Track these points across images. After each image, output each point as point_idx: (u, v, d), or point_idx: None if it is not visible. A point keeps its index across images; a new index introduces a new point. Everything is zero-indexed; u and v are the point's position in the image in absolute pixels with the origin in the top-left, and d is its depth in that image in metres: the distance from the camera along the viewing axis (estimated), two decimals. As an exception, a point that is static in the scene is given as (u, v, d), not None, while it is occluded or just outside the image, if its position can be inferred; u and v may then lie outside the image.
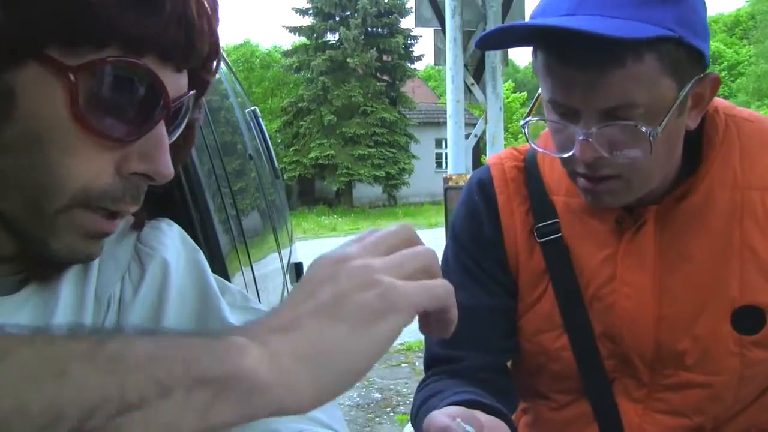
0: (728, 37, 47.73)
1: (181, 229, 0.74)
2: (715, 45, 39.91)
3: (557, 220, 1.07)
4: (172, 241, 0.70)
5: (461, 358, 1.11)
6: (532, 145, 1.04)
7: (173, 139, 0.61)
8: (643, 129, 0.87)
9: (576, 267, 1.06)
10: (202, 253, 0.72)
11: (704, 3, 0.92)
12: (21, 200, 0.55)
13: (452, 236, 1.18)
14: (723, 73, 38.08)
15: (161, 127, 0.58)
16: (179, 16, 0.55)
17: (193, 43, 0.57)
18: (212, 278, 0.70)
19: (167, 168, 0.58)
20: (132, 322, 0.64)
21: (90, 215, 0.57)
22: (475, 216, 1.14)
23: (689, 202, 1.00)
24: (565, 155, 0.94)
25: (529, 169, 1.12)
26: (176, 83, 0.59)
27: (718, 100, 1.03)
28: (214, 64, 0.64)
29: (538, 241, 1.08)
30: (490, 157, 1.20)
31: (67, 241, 0.57)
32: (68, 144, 0.53)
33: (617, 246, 1.03)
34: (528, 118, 1.01)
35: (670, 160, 0.97)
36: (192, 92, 0.62)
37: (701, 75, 0.92)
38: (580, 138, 0.90)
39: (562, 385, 1.13)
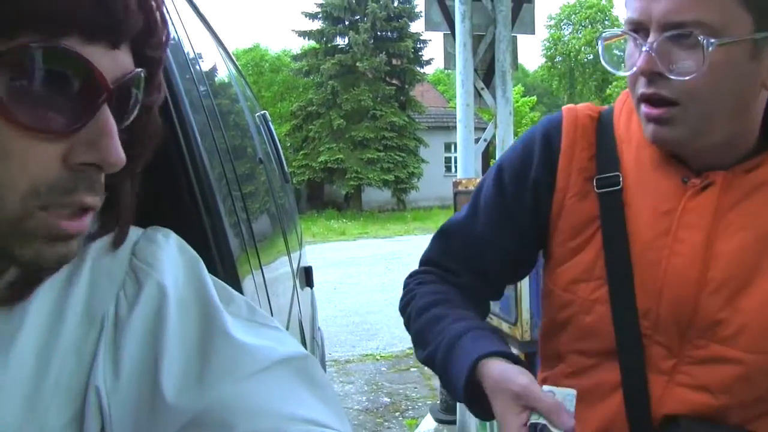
0: None
1: (178, 239, 0.71)
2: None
3: (619, 173, 1.08)
4: (168, 255, 0.67)
5: (458, 273, 1.21)
6: (602, 61, 1.07)
7: (126, 124, 0.58)
8: (700, 38, 0.88)
9: (630, 220, 1.06)
10: (202, 263, 0.70)
11: None
12: None
13: (497, 168, 1.22)
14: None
15: (104, 113, 0.53)
16: None
17: (118, 17, 0.52)
18: (213, 290, 0.67)
19: (115, 155, 0.53)
20: (129, 340, 0.61)
21: (51, 216, 0.53)
22: (527, 156, 1.16)
23: (758, 175, 1.00)
24: (630, 70, 0.97)
25: (602, 121, 1.15)
26: (114, 62, 0.54)
27: None
28: (159, 38, 0.59)
29: (597, 191, 1.09)
30: (566, 106, 1.22)
31: (34, 247, 0.53)
32: (2, 146, 0.49)
33: (678, 203, 1.03)
34: (604, 32, 1.05)
35: (736, 108, 0.97)
36: (139, 70, 0.57)
37: None
38: (644, 49, 0.93)
39: (588, 343, 1.11)
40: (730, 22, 0.88)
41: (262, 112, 2.86)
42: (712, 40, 0.88)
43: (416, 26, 27.91)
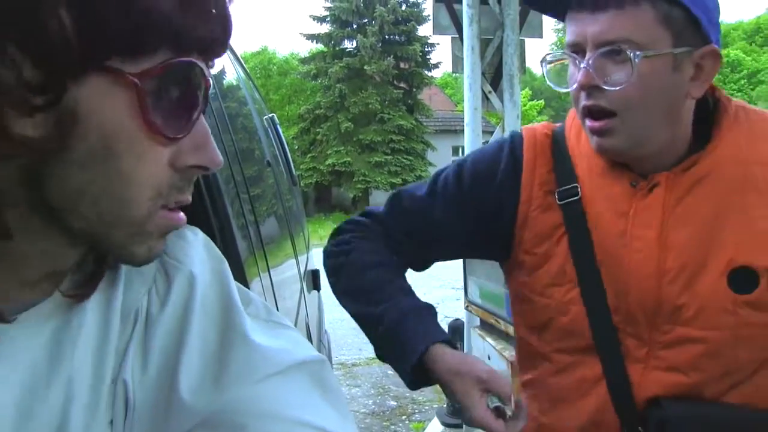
0: (748, 45, 47.44)
1: (206, 238, 0.73)
2: (734, 53, 39.65)
3: (576, 184, 1.20)
4: (197, 251, 0.70)
5: (401, 242, 1.34)
6: (547, 80, 1.24)
7: None
8: (628, 52, 1.03)
9: (590, 225, 1.18)
10: (226, 264, 0.71)
11: None
12: (97, 215, 0.54)
13: (461, 164, 1.33)
14: (742, 81, 37.84)
15: (202, 118, 0.59)
16: (221, 14, 0.55)
17: (228, 36, 0.58)
18: (235, 290, 0.69)
19: (218, 157, 0.59)
20: (157, 336, 0.63)
21: (168, 214, 0.58)
22: (494, 164, 1.28)
23: (695, 172, 1.11)
24: (573, 86, 1.11)
25: (556, 138, 1.27)
26: (209, 73, 0.60)
27: (735, 99, 1.18)
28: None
29: (559, 203, 1.21)
30: (526, 126, 1.38)
31: (150, 244, 0.58)
32: (140, 151, 0.53)
33: (630, 205, 1.14)
34: (547, 53, 1.19)
35: (667, 117, 1.10)
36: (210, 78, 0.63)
37: (701, 47, 1.07)
38: (582, 66, 1.07)
39: (568, 342, 1.22)
40: (652, 39, 1.04)
41: (271, 115, 2.86)
42: (638, 53, 1.03)
43: (424, 30, 27.95)
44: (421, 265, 1.41)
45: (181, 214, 0.60)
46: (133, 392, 0.61)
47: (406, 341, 1.19)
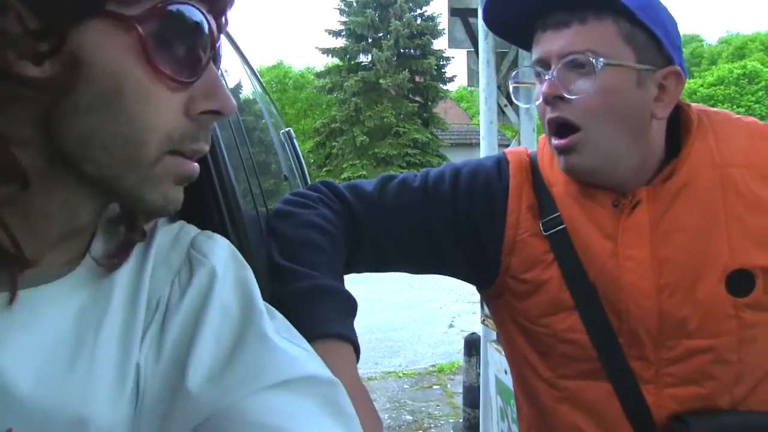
0: (766, 56, 47.11)
1: (231, 245, 0.74)
2: (752, 64, 39.40)
3: (559, 213, 1.18)
4: (222, 252, 0.70)
5: (367, 227, 1.19)
6: (513, 98, 1.30)
7: None
8: (591, 58, 1.05)
9: (579, 250, 1.15)
10: (251, 272, 0.71)
11: (669, 13, 1.10)
12: (107, 159, 0.55)
13: (457, 169, 1.27)
14: (760, 93, 37.55)
15: (212, 67, 0.60)
16: None
17: None
18: (260, 297, 0.69)
19: (231, 101, 0.60)
20: (173, 326, 0.63)
21: (178, 159, 0.59)
22: (491, 179, 1.24)
23: (675, 181, 1.11)
24: (538, 100, 1.11)
25: (533, 165, 1.25)
26: (214, 24, 0.61)
27: (693, 104, 1.19)
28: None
29: (545, 234, 1.18)
30: (508, 149, 1.35)
31: (162, 190, 0.59)
32: (145, 93, 0.54)
33: (616, 226, 1.13)
34: (513, 73, 1.24)
35: (633, 134, 1.10)
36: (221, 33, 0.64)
37: (664, 66, 1.08)
38: (546, 78, 1.08)
39: (574, 367, 1.18)
40: (615, 51, 1.06)
41: (287, 129, 2.88)
42: (601, 59, 1.05)
43: (439, 43, 28.05)
44: (373, 268, 1.26)
45: (195, 164, 0.61)
46: (145, 380, 0.61)
47: (312, 314, 0.96)
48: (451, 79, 29.56)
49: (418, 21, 27.92)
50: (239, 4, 0.65)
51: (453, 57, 29.21)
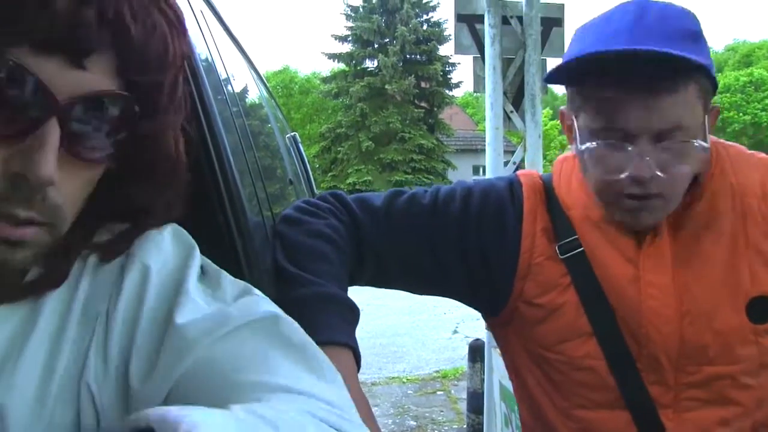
0: (772, 65, 47.01)
1: (175, 231, 0.70)
2: (758, 71, 39.34)
3: (576, 236, 1.15)
4: (158, 245, 0.67)
5: (370, 243, 1.16)
6: (591, 169, 1.07)
7: (93, 143, 0.57)
8: (696, 144, 0.99)
9: (599, 274, 1.12)
10: (195, 250, 0.69)
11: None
12: None
13: (468, 189, 1.22)
14: (767, 101, 37.45)
15: (49, 127, 0.53)
16: (44, 3, 0.50)
17: (69, 32, 0.52)
18: (193, 272, 0.66)
19: (39, 170, 0.52)
20: (114, 333, 0.61)
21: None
22: (502, 203, 1.19)
23: (697, 209, 1.10)
24: (621, 176, 1.01)
25: (546, 188, 1.21)
26: (75, 80, 0.54)
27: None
28: (146, 60, 0.58)
29: (561, 257, 1.14)
30: (519, 171, 1.28)
31: None
32: None
33: (638, 251, 1.11)
34: (588, 144, 1.04)
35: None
36: (118, 93, 0.57)
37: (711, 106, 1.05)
38: (637, 158, 0.99)
39: (591, 396, 1.15)
40: (697, 118, 1.00)
41: (293, 133, 2.88)
42: (697, 143, 0.99)
43: (445, 49, 28.08)
44: (375, 284, 1.25)
45: (24, 230, 0.55)
46: (99, 394, 0.60)
47: (315, 319, 0.96)
48: (456, 85, 29.59)
49: (425, 27, 27.96)
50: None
51: (459, 63, 29.25)
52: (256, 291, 0.68)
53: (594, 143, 1.03)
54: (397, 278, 1.25)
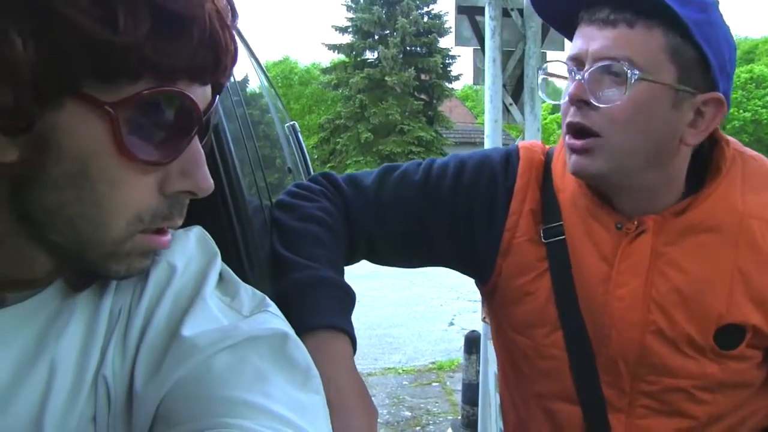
0: (773, 61, 46.97)
1: (201, 234, 0.73)
2: (759, 68, 39.26)
3: (561, 222, 1.12)
4: (183, 246, 0.70)
5: (361, 223, 1.17)
6: (540, 92, 1.16)
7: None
8: (625, 68, 0.96)
9: (575, 268, 1.10)
10: (218, 257, 0.71)
11: (728, 35, 1.01)
12: (73, 233, 0.56)
13: (462, 162, 1.21)
14: (767, 98, 37.41)
15: (196, 143, 0.59)
16: (207, 39, 0.55)
17: (220, 61, 0.58)
18: (212, 280, 0.68)
19: (207, 182, 0.59)
20: (134, 329, 0.63)
21: (148, 237, 0.59)
22: (494, 178, 1.17)
23: (687, 218, 1.04)
24: (564, 99, 1.04)
25: (547, 165, 1.18)
26: (204, 96, 0.60)
27: (731, 139, 1.09)
28: (232, 67, 0.64)
29: (544, 242, 1.13)
30: (522, 142, 1.26)
31: (127, 263, 0.59)
32: (115, 177, 0.54)
33: (615, 249, 1.07)
34: (546, 64, 1.13)
35: (653, 153, 1.02)
36: (216, 99, 0.63)
37: (707, 91, 1.00)
38: (576, 78, 1.01)
39: (548, 386, 1.16)
40: (656, 65, 0.97)
41: (292, 122, 2.88)
42: (636, 72, 0.96)
43: (445, 42, 28.01)
44: (370, 259, 1.25)
45: (166, 237, 0.61)
46: (114, 388, 0.61)
47: (310, 304, 0.97)
48: (456, 78, 29.51)
49: (425, 19, 27.87)
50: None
51: (459, 55, 29.24)
52: (273, 307, 0.70)
53: (551, 62, 1.11)
54: (389, 254, 1.25)
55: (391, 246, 1.21)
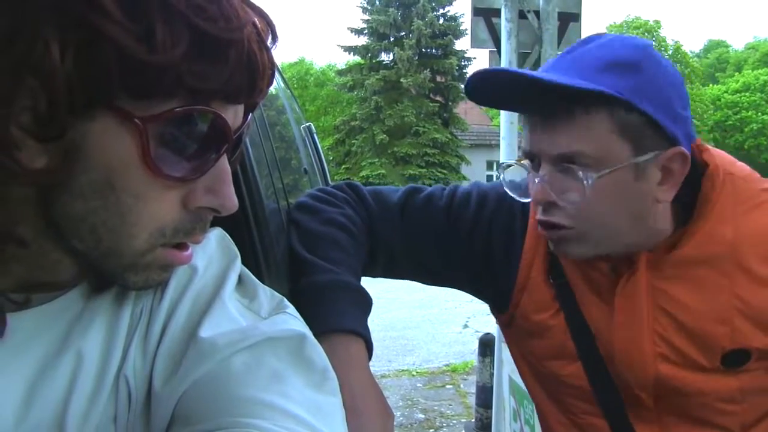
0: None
1: (222, 235, 0.74)
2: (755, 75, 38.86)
3: (561, 264, 1.14)
4: (204, 248, 0.70)
5: (384, 239, 1.18)
6: (506, 189, 1.12)
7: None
8: (580, 173, 0.96)
9: (582, 307, 1.12)
10: (238, 259, 0.72)
11: (669, 75, 0.99)
12: (95, 242, 0.56)
13: (484, 194, 1.22)
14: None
15: (224, 161, 0.59)
16: (244, 62, 0.55)
17: (256, 84, 0.58)
18: (232, 281, 0.69)
19: (231, 200, 0.60)
20: (154, 329, 0.64)
21: (170, 252, 0.60)
22: (513, 214, 1.19)
23: (680, 253, 1.04)
24: (526, 200, 1.06)
25: None
26: (236, 114, 0.60)
27: (720, 156, 1.07)
28: (267, 89, 0.64)
29: (551, 282, 1.15)
30: None
31: (146, 275, 0.60)
32: (140, 190, 0.55)
33: (612, 290, 1.08)
34: (504, 162, 1.13)
35: (633, 222, 1.02)
36: (249, 118, 0.63)
37: (667, 149, 0.98)
38: (536, 180, 1.00)
39: (576, 405, 1.18)
40: (609, 151, 0.96)
41: (308, 123, 2.89)
42: (591, 174, 0.95)
43: (461, 44, 27.96)
44: (385, 276, 1.28)
45: (188, 252, 0.61)
46: (136, 388, 0.61)
47: (326, 307, 0.98)
48: (472, 80, 29.41)
49: (441, 21, 27.84)
50: (262, 0, 0.64)
51: (475, 57, 29.10)
52: (291, 308, 0.70)
53: (513, 163, 1.10)
54: (407, 272, 1.27)
55: (410, 264, 1.23)
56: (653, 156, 0.98)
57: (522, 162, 1.05)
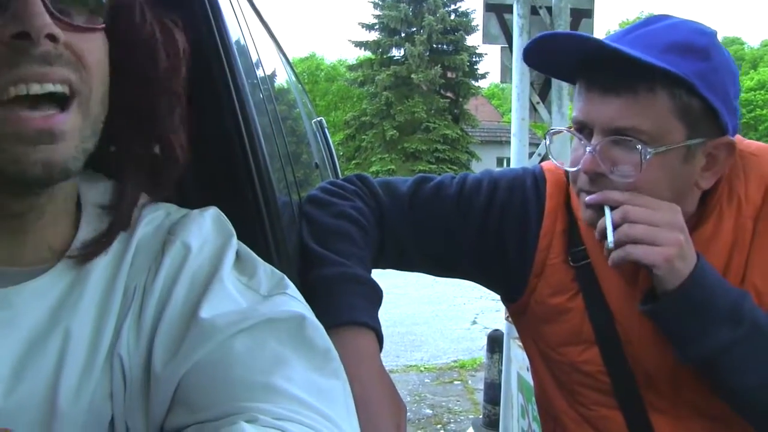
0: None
1: (216, 215, 0.73)
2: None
3: (584, 246, 1.13)
4: (199, 227, 0.70)
5: (393, 229, 1.18)
6: (550, 155, 1.15)
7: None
8: (638, 146, 0.97)
9: (605, 290, 1.12)
10: (234, 238, 0.71)
11: (731, 67, 1.01)
12: None
13: (495, 182, 1.21)
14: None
15: None
16: None
17: None
18: (229, 259, 0.68)
19: (40, 21, 0.53)
20: (149, 308, 0.63)
21: (10, 111, 0.54)
22: (527, 199, 1.18)
23: (702, 232, 1.05)
24: (574, 168, 1.04)
25: (568, 186, 1.18)
26: None
27: (735, 139, 1.07)
28: None
29: (572, 265, 1.14)
30: (545, 163, 1.25)
31: (12, 152, 0.54)
32: None
33: (638, 272, 1.07)
34: (553, 128, 1.10)
35: (672, 201, 1.01)
36: None
37: (716, 137, 1.00)
38: (588, 150, 1.00)
39: (589, 395, 1.16)
40: (665, 131, 0.97)
41: (319, 118, 2.90)
42: (650, 149, 0.97)
43: (472, 39, 27.90)
44: (395, 267, 1.27)
45: (47, 116, 0.55)
46: (130, 367, 0.61)
47: (339, 299, 0.99)
48: (483, 76, 29.39)
49: (452, 16, 27.79)
50: None
51: (486, 54, 29.09)
52: (291, 287, 0.70)
53: (563, 129, 1.09)
54: (418, 264, 1.26)
55: (420, 255, 1.22)
56: (703, 141, 0.99)
57: (572, 130, 1.05)
